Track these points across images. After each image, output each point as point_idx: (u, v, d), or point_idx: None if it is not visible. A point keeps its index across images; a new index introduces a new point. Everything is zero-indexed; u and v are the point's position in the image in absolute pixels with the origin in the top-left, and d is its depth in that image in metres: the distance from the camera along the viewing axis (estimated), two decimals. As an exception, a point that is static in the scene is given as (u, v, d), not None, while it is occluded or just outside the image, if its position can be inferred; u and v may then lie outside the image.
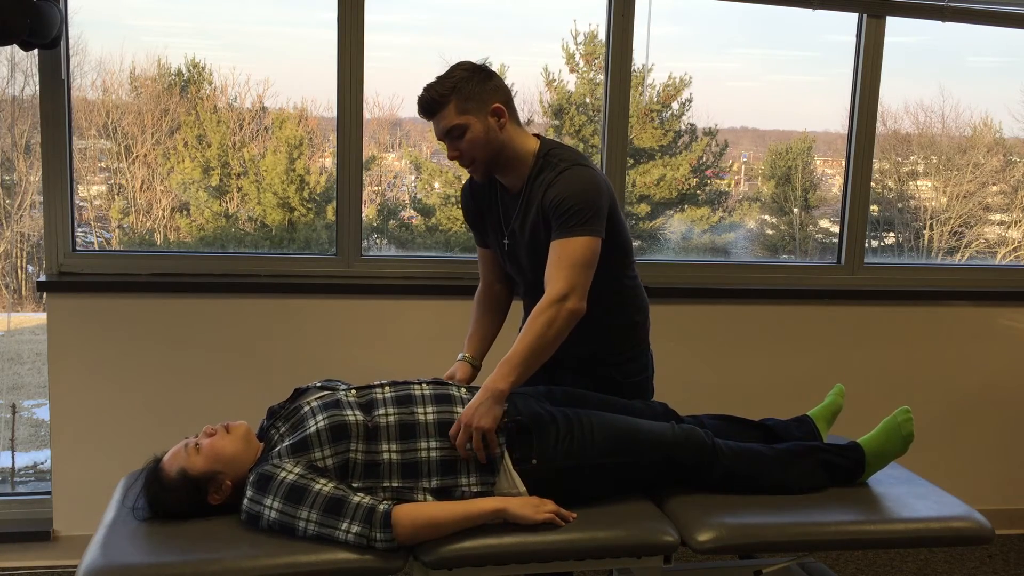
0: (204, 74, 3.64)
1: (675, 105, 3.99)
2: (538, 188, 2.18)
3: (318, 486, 1.87)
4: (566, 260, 2.08)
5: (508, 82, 2.23)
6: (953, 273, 3.69)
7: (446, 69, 2.17)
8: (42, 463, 3.65)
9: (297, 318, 3.09)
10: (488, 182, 2.33)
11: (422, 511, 1.90)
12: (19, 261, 4.10)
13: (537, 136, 2.27)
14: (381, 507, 1.86)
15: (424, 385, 2.12)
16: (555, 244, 2.11)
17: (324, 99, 3.42)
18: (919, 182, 4.43)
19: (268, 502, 1.87)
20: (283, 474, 1.89)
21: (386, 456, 1.96)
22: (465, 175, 2.36)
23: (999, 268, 4.07)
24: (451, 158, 2.21)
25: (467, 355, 2.40)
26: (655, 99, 3.92)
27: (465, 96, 2.12)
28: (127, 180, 3.83)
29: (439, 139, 2.21)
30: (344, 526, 1.83)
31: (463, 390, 2.13)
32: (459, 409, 2.05)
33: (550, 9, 3.63)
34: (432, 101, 2.14)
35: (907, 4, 3.35)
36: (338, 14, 3.02)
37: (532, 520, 1.93)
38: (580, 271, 2.08)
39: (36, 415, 4.01)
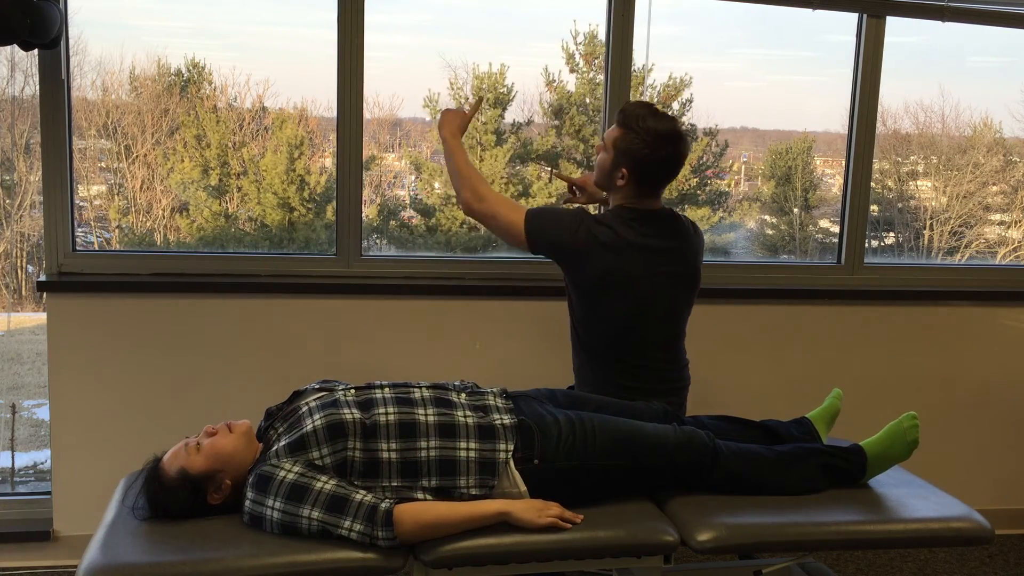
0: (204, 74, 3.64)
1: (675, 105, 3.99)
2: None
3: (319, 484, 1.88)
4: None
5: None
6: (953, 273, 3.68)
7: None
8: (42, 463, 3.65)
9: (297, 318, 3.09)
10: None
11: (425, 511, 1.90)
12: (19, 261, 4.10)
13: None
14: (383, 505, 1.86)
15: (423, 388, 2.13)
16: None
17: (324, 99, 3.42)
18: (919, 182, 4.43)
19: (270, 503, 1.87)
20: (282, 474, 1.89)
21: (385, 455, 1.96)
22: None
23: (999, 268, 4.06)
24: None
25: None
26: (655, 99, 3.91)
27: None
28: (127, 180, 3.84)
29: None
30: (347, 524, 1.84)
31: (463, 395, 2.14)
32: (458, 412, 2.05)
33: (550, 9, 3.63)
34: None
35: (907, 4, 3.35)
36: (338, 14, 3.01)
37: (535, 525, 1.93)
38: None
39: (36, 415, 4.00)
